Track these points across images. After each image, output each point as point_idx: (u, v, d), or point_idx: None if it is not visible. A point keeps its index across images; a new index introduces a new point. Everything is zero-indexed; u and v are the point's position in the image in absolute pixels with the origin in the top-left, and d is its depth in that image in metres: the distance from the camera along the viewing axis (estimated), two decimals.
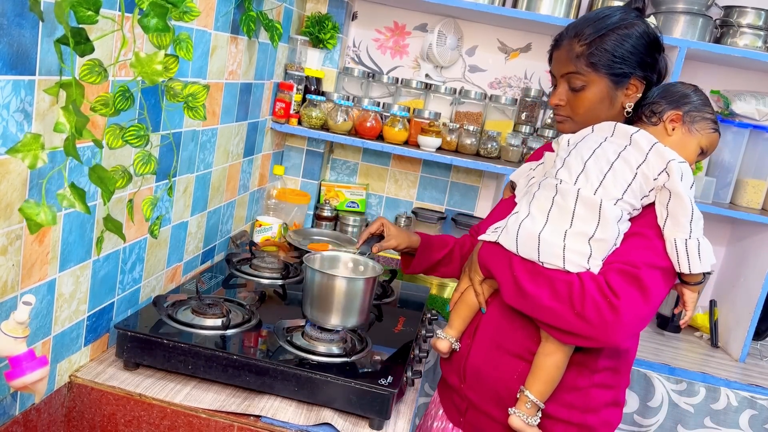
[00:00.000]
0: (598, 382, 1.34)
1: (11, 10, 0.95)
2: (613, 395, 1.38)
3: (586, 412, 1.34)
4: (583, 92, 1.35)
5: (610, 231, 1.22)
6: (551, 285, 1.23)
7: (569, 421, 1.34)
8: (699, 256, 1.22)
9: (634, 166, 1.24)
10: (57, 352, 1.27)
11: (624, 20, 1.33)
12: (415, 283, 2.18)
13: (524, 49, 2.48)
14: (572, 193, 1.25)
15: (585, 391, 1.34)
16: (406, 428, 1.37)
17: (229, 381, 1.36)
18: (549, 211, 1.27)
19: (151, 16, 0.99)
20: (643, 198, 1.25)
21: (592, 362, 1.32)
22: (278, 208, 2.36)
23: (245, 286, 1.79)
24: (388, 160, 2.59)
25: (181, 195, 1.65)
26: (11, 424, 1.15)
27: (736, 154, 2.27)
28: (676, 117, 1.31)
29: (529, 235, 1.26)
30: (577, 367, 1.32)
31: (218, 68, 1.70)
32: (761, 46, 2.16)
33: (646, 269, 1.21)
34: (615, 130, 1.31)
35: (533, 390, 1.29)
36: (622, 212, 1.24)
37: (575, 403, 1.34)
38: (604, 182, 1.24)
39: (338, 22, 2.37)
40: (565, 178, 1.28)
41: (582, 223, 1.24)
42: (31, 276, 1.14)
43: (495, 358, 1.37)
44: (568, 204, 1.25)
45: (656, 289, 1.21)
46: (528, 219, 1.28)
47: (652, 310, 1.22)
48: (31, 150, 0.88)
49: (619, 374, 1.38)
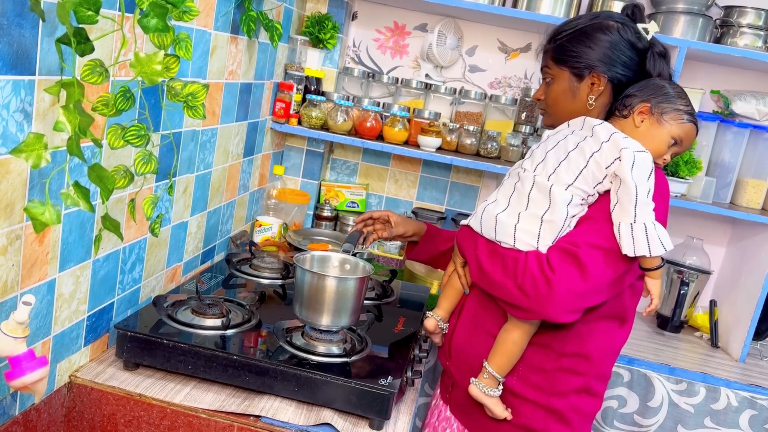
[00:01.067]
0: (565, 366, 1.39)
1: (11, 10, 0.95)
2: (582, 382, 1.41)
3: (552, 395, 1.40)
4: (551, 86, 1.47)
5: (558, 213, 1.31)
6: (503, 262, 1.34)
7: (535, 402, 1.40)
8: (647, 241, 1.23)
9: (588, 154, 1.31)
10: (57, 352, 1.27)
11: (593, 21, 1.43)
12: (415, 283, 2.18)
13: (524, 49, 2.48)
14: (529, 179, 1.36)
15: (551, 373, 1.39)
16: (406, 428, 1.37)
17: (229, 381, 1.36)
18: (510, 195, 1.39)
19: (151, 16, 0.99)
20: (597, 185, 1.31)
21: (558, 345, 1.38)
22: (278, 208, 2.36)
23: (245, 286, 1.79)
24: (388, 160, 2.59)
25: (181, 195, 1.65)
26: (11, 424, 1.15)
27: (736, 154, 2.27)
28: (644, 108, 1.36)
29: (489, 216, 1.39)
30: (543, 349, 1.39)
31: (218, 68, 1.70)
32: (761, 46, 2.16)
33: (586, 248, 1.28)
34: (584, 123, 1.38)
35: (492, 363, 1.39)
36: (573, 197, 1.31)
37: (541, 385, 1.40)
38: (558, 169, 1.33)
39: (338, 22, 2.37)
40: (527, 167, 1.39)
41: (534, 206, 1.34)
42: (31, 276, 1.14)
43: (474, 336, 1.46)
44: (525, 189, 1.36)
45: (595, 267, 1.27)
46: (493, 203, 1.41)
47: (591, 288, 1.28)
48: (34, 150, 0.88)
49: (590, 362, 1.40)
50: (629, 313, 1.43)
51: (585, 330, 1.38)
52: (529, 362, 1.40)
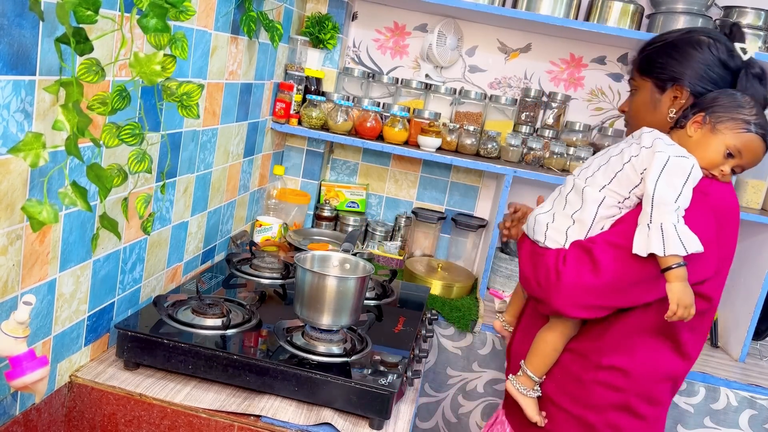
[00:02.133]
0: (601, 379, 1.38)
1: (11, 10, 0.95)
2: (621, 399, 1.38)
3: (587, 407, 1.39)
4: (634, 97, 1.48)
5: (587, 212, 1.35)
6: (533, 259, 1.41)
7: (569, 412, 1.41)
8: (662, 241, 1.22)
9: (627, 158, 1.33)
10: (57, 352, 1.27)
11: (684, 35, 1.42)
12: (415, 283, 2.18)
13: (524, 49, 2.48)
14: (570, 182, 1.42)
15: (587, 385, 1.38)
16: (406, 428, 1.37)
17: (230, 381, 1.36)
18: (555, 198, 1.45)
19: (151, 16, 1.00)
20: (634, 188, 1.32)
21: (595, 356, 1.38)
22: (278, 208, 2.36)
23: (245, 286, 1.79)
24: (388, 160, 2.59)
25: (181, 195, 1.65)
26: (11, 424, 1.15)
27: None
28: (698, 118, 1.35)
29: (532, 217, 1.45)
30: (580, 358, 1.40)
31: (218, 68, 1.70)
32: (761, 46, 2.16)
33: (603, 245, 1.31)
34: (640, 133, 1.38)
35: (527, 362, 1.44)
36: (605, 198, 1.34)
37: (577, 395, 1.40)
38: (597, 173, 1.37)
39: (338, 22, 2.37)
40: (576, 173, 1.44)
41: (569, 206, 1.39)
42: (32, 276, 1.14)
43: (525, 342, 1.49)
44: (565, 191, 1.42)
45: (607, 263, 1.30)
46: (540, 207, 1.47)
47: (604, 284, 1.30)
48: (32, 149, 0.89)
49: (629, 379, 1.37)
50: (685, 339, 1.37)
51: (625, 343, 1.36)
52: (566, 370, 1.41)
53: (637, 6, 2.19)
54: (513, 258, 2.38)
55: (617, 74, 2.44)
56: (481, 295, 2.30)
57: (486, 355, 2.11)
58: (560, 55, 2.46)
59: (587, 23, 2.12)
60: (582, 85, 2.47)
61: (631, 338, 1.36)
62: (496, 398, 2.14)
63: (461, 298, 2.24)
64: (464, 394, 2.15)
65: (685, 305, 1.22)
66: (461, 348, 2.12)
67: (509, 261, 2.37)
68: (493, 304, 2.30)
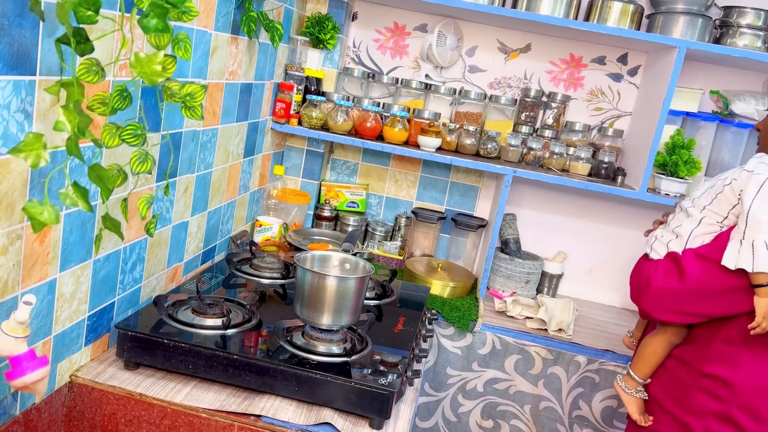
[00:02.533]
0: (704, 386, 1.45)
1: (12, 10, 0.95)
2: (722, 408, 1.42)
3: (688, 412, 1.47)
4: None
5: (686, 227, 1.50)
6: (637, 268, 1.58)
7: (671, 413, 1.51)
8: (752, 257, 1.32)
9: (729, 181, 1.44)
10: (57, 351, 1.27)
11: None
12: (415, 283, 2.18)
13: (524, 50, 2.48)
14: (686, 203, 1.57)
15: (690, 390, 1.46)
16: (406, 428, 1.37)
17: (230, 381, 1.36)
18: (672, 217, 1.60)
19: (151, 16, 1.00)
20: (732, 208, 1.43)
21: (698, 363, 1.47)
22: (278, 208, 2.36)
23: (245, 286, 1.79)
24: (388, 160, 2.59)
25: (181, 195, 1.65)
26: (12, 424, 1.15)
27: (736, 154, 2.27)
28: None
29: (652, 233, 1.62)
30: (684, 365, 1.50)
31: (218, 68, 1.70)
32: (761, 46, 2.17)
33: (691, 255, 1.44)
34: (753, 158, 1.46)
35: (632, 364, 1.60)
36: (704, 217, 1.47)
37: (680, 399, 1.50)
38: (704, 194, 1.51)
39: (338, 22, 2.37)
40: (691, 194, 1.59)
41: (675, 222, 1.55)
42: (32, 276, 1.14)
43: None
44: (678, 211, 1.59)
45: (693, 271, 1.42)
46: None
47: (688, 291, 1.42)
48: (33, 149, 0.89)
49: (732, 390, 1.41)
50: None
51: (729, 353, 1.42)
52: (673, 375, 1.52)
53: (637, 6, 2.19)
54: (512, 258, 2.38)
55: (617, 74, 2.45)
56: (480, 295, 2.30)
57: (486, 355, 2.12)
58: (560, 55, 2.46)
59: (587, 23, 2.12)
60: (582, 85, 2.47)
61: (735, 350, 1.42)
62: (496, 397, 2.14)
63: (461, 298, 2.24)
64: (464, 394, 2.15)
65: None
66: (461, 348, 2.12)
67: (509, 261, 2.38)
68: (492, 303, 2.30)
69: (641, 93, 2.39)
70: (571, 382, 2.10)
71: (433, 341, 2.11)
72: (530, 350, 2.10)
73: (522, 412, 2.14)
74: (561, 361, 2.10)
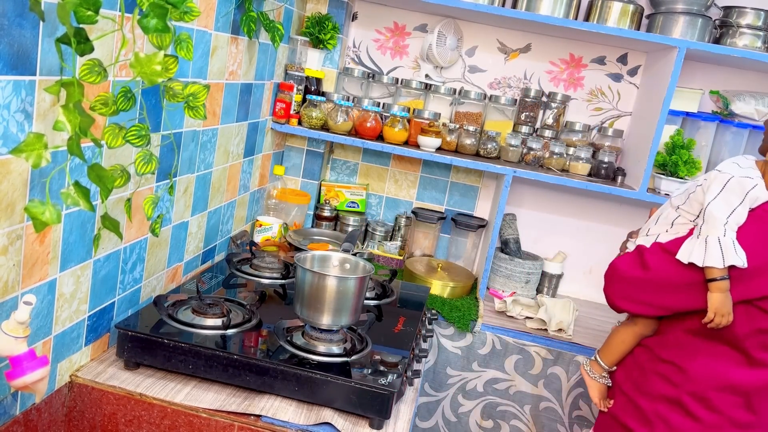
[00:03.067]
0: (660, 371, 1.51)
1: (12, 10, 0.95)
2: (674, 393, 1.47)
3: (642, 394, 1.52)
4: None
5: (659, 227, 1.56)
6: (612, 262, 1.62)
7: (627, 395, 1.56)
8: (704, 253, 1.37)
9: (701, 182, 1.48)
10: (57, 351, 1.27)
11: None
12: (415, 283, 2.18)
13: (524, 50, 2.48)
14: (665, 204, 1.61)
15: (647, 374, 1.53)
16: (406, 428, 1.37)
17: (230, 381, 1.36)
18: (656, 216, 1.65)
19: (151, 16, 1.00)
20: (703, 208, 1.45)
21: (658, 349, 1.53)
22: (278, 208, 2.36)
23: (245, 286, 1.79)
24: (388, 160, 2.59)
25: (181, 195, 1.65)
26: (12, 424, 1.15)
27: (736, 153, 2.27)
28: None
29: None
30: (647, 351, 1.55)
31: (219, 68, 1.70)
32: (760, 46, 2.17)
33: (656, 248, 1.49)
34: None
35: (600, 350, 1.65)
36: (678, 216, 1.52)
37: (637, 382, 1.55)
38: (679, 195, 1.55)
39: (338, 22, 2.37)
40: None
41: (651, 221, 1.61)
42: (32, 276, 1.14)
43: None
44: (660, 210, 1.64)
45: (654, 263, 1.47)
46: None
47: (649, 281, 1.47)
48: (34, 149, 0.89)
49: (685, 376, 1.46)
50: (750, 348, 1.42)
51: (688, 342, 1.47)
52: (636, 360, 1.57)
53: (637, 6, 2.19)
54: (512, 258, 2.38)
55: (617, 74, 2.45)
56: (480, 295, 2.30)
57: (485, 355, 2.12)
58: (560, 56, 2.46)
59: (587, 23, 2.12)
60: (581, 85, 2.47)
61: (695, 339, 1.46)
62: (496, 397, 2.14)
63: (461, 298, 2.24)
64: (464, 394, 2.15)
65: (722, 314, 1.37)
66: (461, 348, 2.12)
67: (509, 261, 2.38)
68: (492, 303, 2.30)
69: (641, 93, 2.39)
70: (571, 382, 2.11)
71: (433, 341, 2.11)
72: (530, 350, 2.10)
73: (522, 412, 2.14)
74: (561, 361, 2.10)
